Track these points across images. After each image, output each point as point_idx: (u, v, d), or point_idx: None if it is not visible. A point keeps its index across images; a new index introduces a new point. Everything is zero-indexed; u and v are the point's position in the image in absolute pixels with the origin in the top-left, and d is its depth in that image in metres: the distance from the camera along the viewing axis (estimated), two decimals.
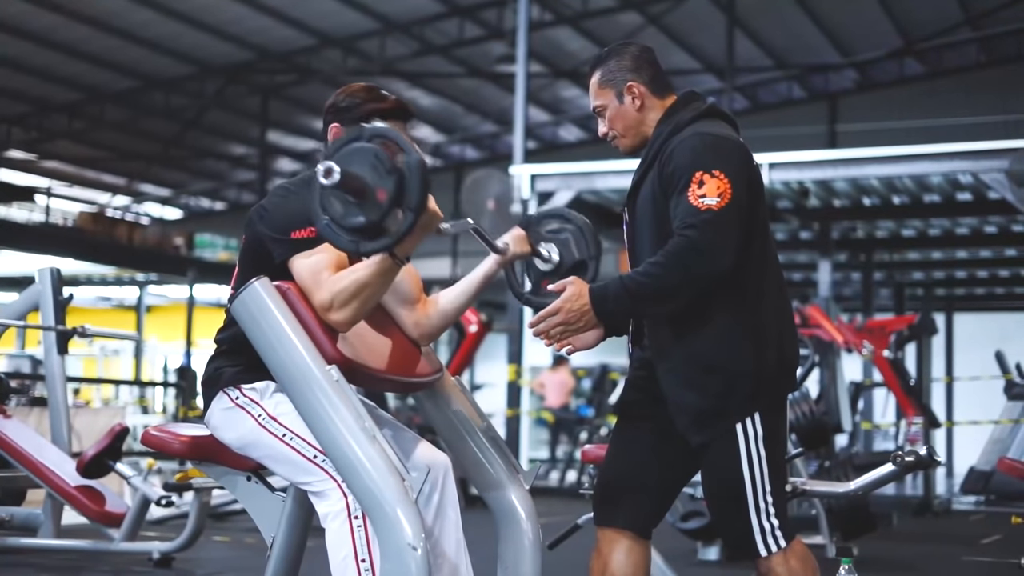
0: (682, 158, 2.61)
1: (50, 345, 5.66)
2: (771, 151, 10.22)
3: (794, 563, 2.63)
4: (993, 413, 10.72)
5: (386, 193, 2.40)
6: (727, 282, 2.59)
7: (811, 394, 7.31)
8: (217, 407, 2.77)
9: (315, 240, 2.65)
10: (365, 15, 16.50)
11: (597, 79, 2.82)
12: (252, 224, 2.76)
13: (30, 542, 5.28)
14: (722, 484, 2.66)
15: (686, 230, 2.52)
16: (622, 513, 2.74)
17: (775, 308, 2.70)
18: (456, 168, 22.77)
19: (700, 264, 2.52)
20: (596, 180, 10.47)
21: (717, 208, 2.53)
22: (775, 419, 2.68)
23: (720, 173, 2.56)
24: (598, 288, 2.58)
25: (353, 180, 2.41)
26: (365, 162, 2.42)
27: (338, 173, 2.39)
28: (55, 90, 18.47)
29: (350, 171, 2.41)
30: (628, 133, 2.82)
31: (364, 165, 2.42)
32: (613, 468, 2.80)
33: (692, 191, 2.55)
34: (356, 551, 2.52)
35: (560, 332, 2.60)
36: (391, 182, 2.40)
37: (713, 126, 2.71)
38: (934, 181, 10.14)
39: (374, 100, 2.82)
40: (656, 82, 2.81)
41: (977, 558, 6.54)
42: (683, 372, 2.66)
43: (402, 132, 2.83)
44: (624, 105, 2.80)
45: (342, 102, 2.82)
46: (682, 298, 2.58)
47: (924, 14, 16.71)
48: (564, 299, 2.58)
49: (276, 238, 2.69)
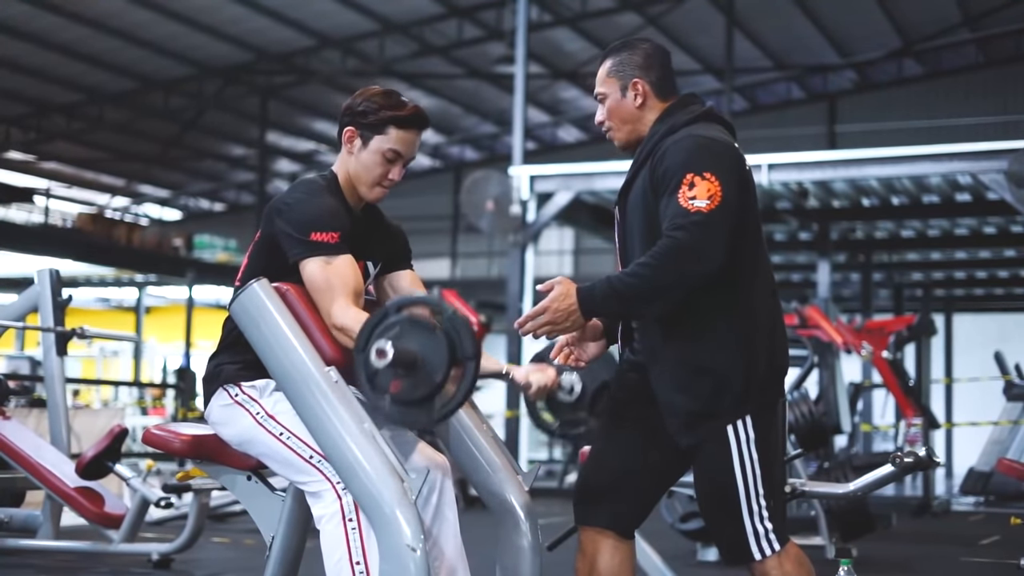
0: (674, 159, 2.61)
1: (49, 346, 5.66)
2: (770, 152, 10.24)
3: (789, 567, 2.62)
4: (992, 414, 10.73)
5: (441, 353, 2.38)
6: (718, 284, 2.59)
7: (810, 395, 7.31)
8: (216, 403, 2.78)
9: (335, 246, 2.66)
10: (364, 16, 16.51)
11: (607, 68, 2.82)
12: (271, 218, 2.74)
13: (29, 543, 5.27)
14: (714, 486, 2.65)
15: (675, 231, 2.52)
16: (602, 513, 2.74)
17: (766, 310, 2.70)
18: (455, 169, 22.78)
19: (688, 265, 2.52)
20: (595, 181, 10.47)
21: (707, 210, 2.52)
22: (768, 421, 2.66)
23: (711, 175, 2.56)
24: (585, 288, 2.58)
25: (405, 356, 2.38)
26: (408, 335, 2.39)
27: (391, 351, 2.36)
28: (54, 91, 18.47)
29: (401, 347, 2.38)
30: (622, 128, 2.81)
31: (409, 339, 2.39)
32: (595, 468, 2.79)
33: (682, 192, 2.55)
34: (351, 553, 2.52)
35: (548, 331, 2.59)
36: (441, 341, 2.38)
37: (708, 129, 2.71)
38: (933, 182, 10.15)
39: (392, 107, 2.80)
40: (662, 83, 2.81)
41: (976, 559, 6.54)
42: (673, 374, 2.66)
43: (414, 143, 2.84)
44: (626, 99, 2.79)
45: (359, 106, 2.81)
46: (670, 299, 2.58)
47: (923, 15, 16.72)
48: (551, 299, 2.57)
49: (295, 237, 2.68)
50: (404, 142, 2.81)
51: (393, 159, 2.80)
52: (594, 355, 2.87)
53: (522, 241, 10.52)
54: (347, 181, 2.84)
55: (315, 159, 22.44)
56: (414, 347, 2.38)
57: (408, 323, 2.40)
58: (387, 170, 2.81)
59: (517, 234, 10.48)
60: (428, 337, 2.38)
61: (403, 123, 2.80)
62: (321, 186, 2.79)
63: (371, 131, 2.79)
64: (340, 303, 2.62)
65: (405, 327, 2.40)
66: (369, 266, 2.90)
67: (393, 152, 2.79)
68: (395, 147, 2.79)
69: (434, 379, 2.38)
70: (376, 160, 2.80)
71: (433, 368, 2.38)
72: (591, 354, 2.86)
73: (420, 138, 2.85)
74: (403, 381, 2.39)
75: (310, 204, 2.71)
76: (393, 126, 2.79)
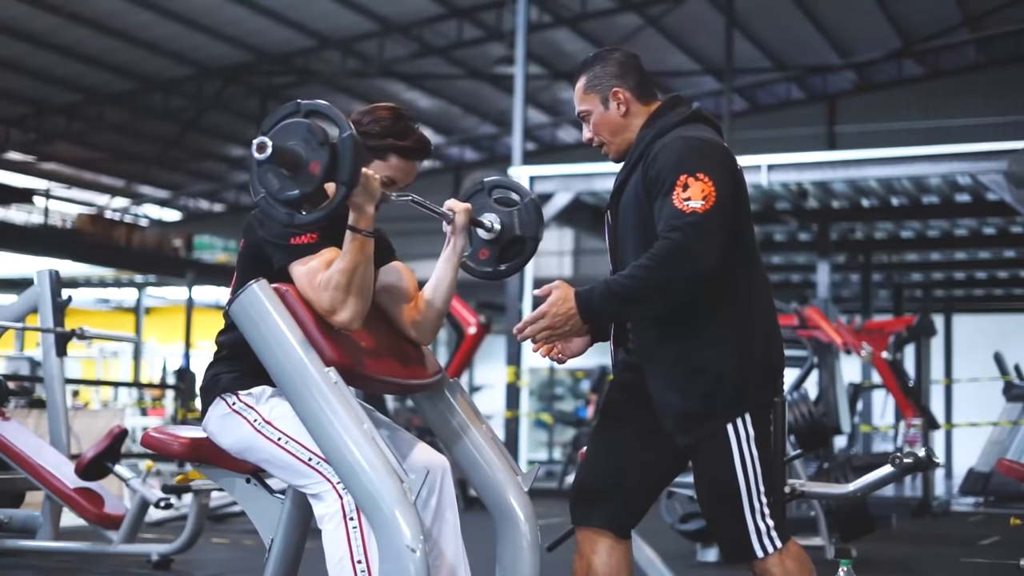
0: (666, 161, 2.62)
1: (49, 347, 5.66)
2: (770, 152, 10.24)
3: (790, 564, 2.62)
4: (992, 414, 10.73)
5: (319, 166, 2.44)
6: (712, 284, 2.60)
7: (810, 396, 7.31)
8: (214, 413, 2.77)
9: (315, 246, 2.65)
10: (364, 16, 16.51)
11: (582, 85, 2.82)
12: (252, 229, 2.75)
13: (29, 544, 5.27)
14: (715, 485, 2.65)
15: (671, 232, 2.53)
16: (598, 513, 2.74)
17: (761, 310, 2.70)
18: (455, 169, 22.78)
19: (685, 266, 2.53)
20: (595, 181, 10.47)
21: (702, 211, 2.53)
22: (766, 420, 2.68)
23: (704, 176, 2.57)
24: (584, 291, 2.58)
25: (286, 154, 2.45)
26: (298, 136, 2.46)
27: (271, 147, 2.42)
28: (54, 91, 18.47)
29: (283, 145, 2.44)
30: (614, 139, 2.82)
31: (297, 139, 2.45)
32: (591, 468, 2.80)
33: (677, 194, 2.56)
34: (352, 553, 2.52)
35: (547, 336, 2.60)
36: (324, 155, 2.44)
37: (697, 130, 2.72)
38: (933, 182, 10.16)
39: (397, 135, 2.77)
40: (641, 88, 2.81)
41: (976, 559, 6.54)
42: (669, 374, 2.67)
43: (413, 172, 2.83)
44: (609, 111, 2.80)
45: (366, 124, 2.76)
46: (668, 300, 2.59)
47: (922, 15, 16.73)
48: (550, 303, 2.57)
49: (276, 243, 2.69)
50: (403, 171, 2.80)
51: (387, 184, 2.76)
52: (578, 350, 2.87)
53: None
54: None
55: None
56: (298, 150, 2.44)
57: (300, 127, 2.46)
58: None
59: None
60: (316, 147, 2.44)
61: (405, 153, 2.78)
62: None
63: (371, 152, 2.75)
64: (318, 287, 2.63)
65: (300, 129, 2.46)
66: None
67: (389, 179, 2.78)
68: (392, 175, 2.78)
69: (305, 188, 2.44)
70: None
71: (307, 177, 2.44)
72: (575, 349, 2.87)
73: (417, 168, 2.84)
74: (282, 180, 2.46)
75: None
76: (395, 155, 2.77)
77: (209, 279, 18.17)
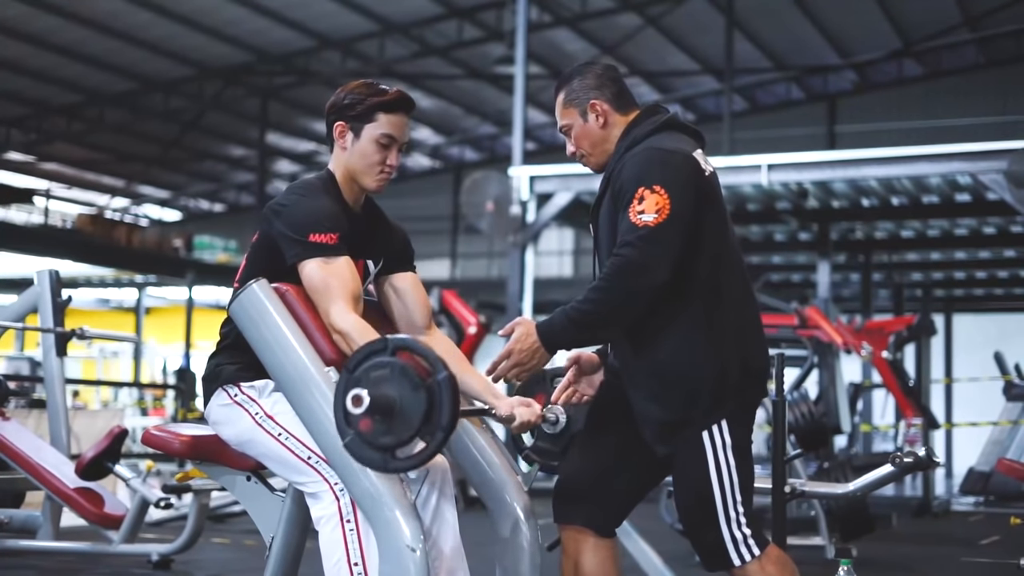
0: (629, 173, 2.63)
1: (49, 347, 5.65)
2: (770, 152, 10.23)
3: (771, 569, 2.62)
4: (992, 414, 10.72)
5: (418, 413, 2.31)
6: (680, 294, 2.60)
7: (810, 395, 7.32)
8: (216, 403, 2.78)
9: (333, 247, 2.66)
10: (364, 17, 16.52)
11: (562, 99, 2.84)
12: (268, 220, 2.74)
13: (29, 544, 5.27)
14: (691, 493, 2.65)
15: (623, 248, 2.55)
16: (578, 512, 2.75)
17: (737, 315, 2.69)
18: (455, 169, 22.79)
19: (636, 281, 2.54)
20: (594, 181, 10.42)
21: (654, 224, 2.54)
22: (744, 425, 2.67)
23: (660, 188, 2.57)
24: (544, 324, 2.61)
25: (382, 403, 2.33)
26: (391, 381, 2.33)
27: (367, 400, 2.32)
28: (54, 92, 18.48)
29: (379, 395, 2.32)
30: (595, 151, 2.83)
31: (391, 385, 2.33)
32: (573, 468, 2.81)
33: (633, 207, 2.57)
34: (348, 554, 2.53)
35: (517, 373, 2.64)
36: (422, 402, 2.31)
37: (667, 139, 2.71)
38: (933, 182, 10.15)
39: (376, 94, 2.82)
40: (619, 99, 2.81)
41: (976, 559, 6.54)
42: (644, 385, 2.67)
43: (404, 126, 2.85)
44: (588, 123, 2.80)
45: (344, 100, 2.83)
46: (628, 317, 2.60)
47: (923, 15, 16.73)
48: (514, 340, 2.61)
49: (293, 238, 2.68)
50: (395, 125, 2.82)
51: (388, 144, 2.81)
52: (598, 383, 2.88)
53: (522, 242, 10.52)
54: (345, 178, 2.84)
55: (315, 160, 22.45)
56: (393, 396, 2.32)
57: (398, 370, 2.33)
58: (384, 156, 2.82)
59: (517, 235, 10.48)
60: (411, 391, 2.31)
61: (390, 107, 2.81)
62: (318, 186, 2.79)
63: (361, 121, 2.80)
64: (339, 306, 2.62)
65: (394, 372, 2.33)
66: (369, 265, 2.90)
67: (387, 137, 2.81)
68: (387, 131, 2.81)
69: (401, 435, 2.33)
70: (372, 148, 2.81)
71: (404, 424, 2.32)
72: (596, 384, 2.88)
73: (409, 121, 2.86)
74: (374, 423, 2.34)
75: (307, 205, 2.71)
76: (381, 112, 2.80)
77: (209, 279, 18.17)
